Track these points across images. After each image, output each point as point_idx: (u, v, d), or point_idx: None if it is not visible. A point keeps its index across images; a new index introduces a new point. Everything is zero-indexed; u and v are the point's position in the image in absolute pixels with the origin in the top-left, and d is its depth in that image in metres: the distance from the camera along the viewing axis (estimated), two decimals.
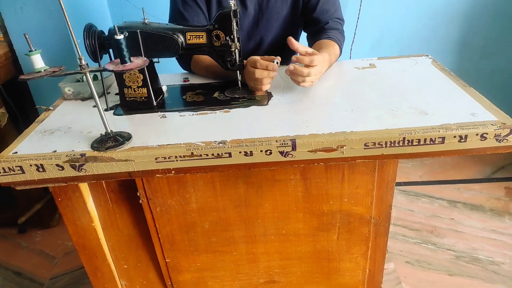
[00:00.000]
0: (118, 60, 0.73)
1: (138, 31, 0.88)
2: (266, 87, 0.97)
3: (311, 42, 1.22)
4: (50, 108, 1.01)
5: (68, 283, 1.54)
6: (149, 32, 0.88)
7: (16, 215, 1.75)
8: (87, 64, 0.73)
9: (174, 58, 1.21)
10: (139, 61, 0.74)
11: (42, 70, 0.71)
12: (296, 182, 0.94)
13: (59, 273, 1.59)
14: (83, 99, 1.05)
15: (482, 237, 1.58)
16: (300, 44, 0.96)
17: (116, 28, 0.71)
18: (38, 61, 0.71)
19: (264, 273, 1.12)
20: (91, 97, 1.05)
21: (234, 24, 0.91)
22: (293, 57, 0.93)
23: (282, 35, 1.27)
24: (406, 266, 1.48)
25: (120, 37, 0.70)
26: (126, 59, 0.72)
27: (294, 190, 0.95)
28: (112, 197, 0.99)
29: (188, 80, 1.13)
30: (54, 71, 0.71)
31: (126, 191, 0.97)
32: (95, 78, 1.08)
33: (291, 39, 0.93)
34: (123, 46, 0.71)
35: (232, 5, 0.88)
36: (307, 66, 0.92)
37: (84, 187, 0.95)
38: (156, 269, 1.12)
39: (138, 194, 0.94)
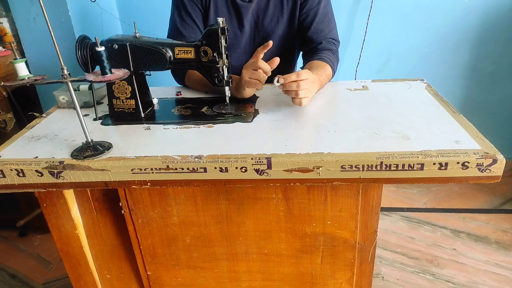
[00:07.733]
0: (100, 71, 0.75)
1: (127, 44, 0.90)
2: (252, 91, 1.02)
3: (305, 62, 1.22)
4: (43, 115, 1.03)
5: None
6: (138, 45, 0.90)
7: (19, 217, 1.78)
8: (69, 74, 0.74)
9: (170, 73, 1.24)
10: (119, 73, 0.75)
11: (26, 78, 0.73)
12: (278, 201, 0.92)
13: (52, 278, 1.60)
14: None
15: (484, 271, 1.50)
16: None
17: (97, 40, 0.73)
18: (23, 69, 0.74)
19: None
20: (84, 106, 1.07)
21: (223, 41, 0.91)
22: (277, 76, 0.93)
23: (278, 54, 1.27)
24: None
25: (100, 49, 0.72)
26: (107, 70, 0.74)
27: (275, 209, 0.93)
28: (96, 206, 1.00)
29: (181, 94, 1.14)
30: (36, 79, 0.72)
31: (110, 200, 0.97)
32: (90, 88, 1.11)
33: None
34: (104, 58, 0.72)
35: (221, 22, 0.89)
36: (295, 81, 0.91)
37: (69, 194, 0.96)
38: (138, 281, 1.11)
39: (121, 205, 0.95)
